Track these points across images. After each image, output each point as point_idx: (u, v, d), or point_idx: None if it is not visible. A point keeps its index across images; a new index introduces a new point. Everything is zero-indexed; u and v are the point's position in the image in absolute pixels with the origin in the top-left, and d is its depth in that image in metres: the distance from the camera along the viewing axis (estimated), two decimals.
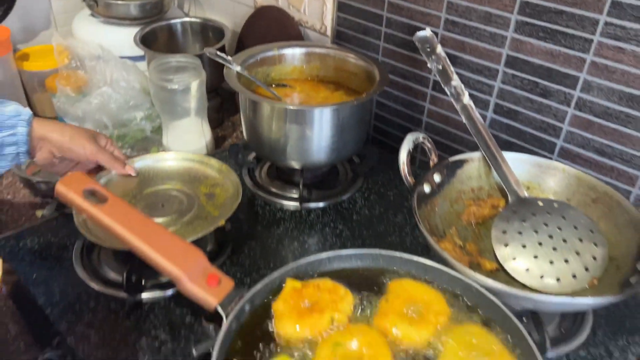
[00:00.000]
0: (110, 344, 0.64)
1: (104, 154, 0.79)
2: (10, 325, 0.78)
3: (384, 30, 1.00)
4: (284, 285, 0.59)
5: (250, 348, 0.53)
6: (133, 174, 0.83)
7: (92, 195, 0.57)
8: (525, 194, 0.74)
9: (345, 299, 0.58)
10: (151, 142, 1.15)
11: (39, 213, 0.97)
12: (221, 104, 1.26)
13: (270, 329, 0.56)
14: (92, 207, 0.55)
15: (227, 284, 0.56)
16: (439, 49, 0.83)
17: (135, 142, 1.15)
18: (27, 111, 0.76)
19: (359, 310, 0.58)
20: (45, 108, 1.24)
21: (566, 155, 0.84)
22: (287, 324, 0.55)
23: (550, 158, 0.83)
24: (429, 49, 0.83)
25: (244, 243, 0.80)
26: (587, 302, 0.59)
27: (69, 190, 0.56)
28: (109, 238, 0.66)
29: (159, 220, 0.75)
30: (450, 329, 0.55)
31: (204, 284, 0.54)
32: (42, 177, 0.99)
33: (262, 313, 0.57)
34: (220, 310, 0.54)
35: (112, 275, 0.73)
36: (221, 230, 0.81)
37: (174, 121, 1.09)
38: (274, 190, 0.92)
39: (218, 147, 1.14)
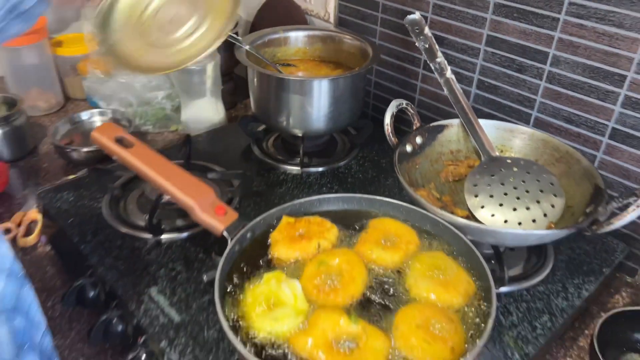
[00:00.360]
0: (134, 273, 0.76)
1: None
2: (49, 267, 0.91)
3: (380, 15, 1.11)
4: (280, 221, 0.70)
5: (249, 267, 0.64)
6: None
7: (121, 141, 0.69)
8: (497, 153, 0.84)
9: (331, 230, 0.68)
10: (171, 119, 1.27)
11: (71, 177, 1.10)
12: (235, 88, 1.38)
13: (267, 253, 0.67)
14: (122, 151, 0.67)
15: (232, 214, 0.67)
16: (427, 30, 0.93)
17: (157, 120, 1.27)
18: None
19: (343, 241, 0.69)
20: (76, 90, 1.37)
21: (540, 125, 0.94)
22: (281, 248, 0.66)
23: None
24: (417, 31, 0.93)
25: (250, 198, 0.91)
26: (537, 233, 0.68)
27: (103, 136, 0.68)
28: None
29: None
30: (418, 254, 0.66)
31: (212, 213, 0.66)
32: (74, 146, 1.12)
33: (261, 241, 0.68)
34: (225, 234, 0.65)
35: (136, 221, 0.85)
36: (229, 187, 0.92)
37: (191, 100, 1.21)
38: (279, 157, 1.03)
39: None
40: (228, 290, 0.61)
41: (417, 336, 0.54)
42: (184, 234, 0.82)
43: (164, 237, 0.81)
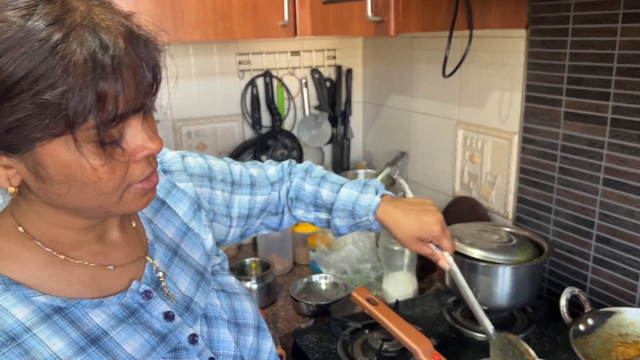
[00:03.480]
0: None
1: (420, 248, 0.99)
2: None
3: (553, 217, 1.38)
4: None
5: None
6: (446, 267, 1.01)
7: (370, 300, 1.02)
8: None
9: None
10: (373, 286, 1.61)
11: (302, 325, 1.45)
12: (424, 264, 1.70)
13: None
14: (370, 307, 1.00)
15: None
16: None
17: (362, 285, 1.62)
18: (376, 201, 0.97)
19: None
20: (302, 257, 1.80)
21: None
22: None
23: None
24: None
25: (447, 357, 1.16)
26: None
27: (359, 296, 1.03)
28: None
29: None
30: None
31: (430, 357, 0.93)
32: (307, 300, 1.49)
33: None
34: None
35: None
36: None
37: (391, 272, 1.55)
38: (466, 325, 1.28)
39: (420, 294, 1.55)
40: None
41: None
42: None
43: None
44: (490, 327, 1.00)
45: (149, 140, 0.58)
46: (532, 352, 0.93)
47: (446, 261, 1.00)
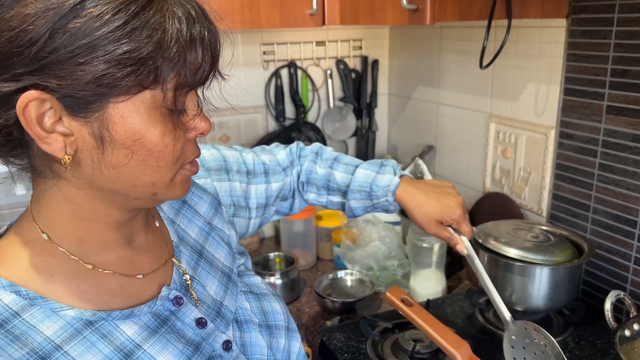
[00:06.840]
0: None
1: (438, 231, 0.95)
2: None
3: (591, 216, 1.32)
4: None
5: None
6: (464, 252, 0.97)
7: (405, 301, 0.98)
8: None
9: None
10: (400, 284, 1.57)
11: (328, 322, 1.42)
12: (451, 262, 1.65)
13: None
14: (405, 308, 0.96)
15: None
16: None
17: (388, 283, 1.58)
18: (395, 181, 0.94)
19: None
20: (326, 252, 1.76)
21: None
22: None
23: None
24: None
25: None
26: None
27: (392, 296, 0.98)
28: None
29: None
30: None
31: None
32: (332, 297, 1.46)
33: None
34: None
35: None
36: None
37: (419, 270, 1.50)
38: (499, 326, 1.24)
39: (449, 293, 1.51)
40: None
41: None
42: None
43: None
44: (507, 314, 0.98)
45: (203, 118, 0.61)
46: (552, 338, 0.92)
47: (464, 246, 0.96)
